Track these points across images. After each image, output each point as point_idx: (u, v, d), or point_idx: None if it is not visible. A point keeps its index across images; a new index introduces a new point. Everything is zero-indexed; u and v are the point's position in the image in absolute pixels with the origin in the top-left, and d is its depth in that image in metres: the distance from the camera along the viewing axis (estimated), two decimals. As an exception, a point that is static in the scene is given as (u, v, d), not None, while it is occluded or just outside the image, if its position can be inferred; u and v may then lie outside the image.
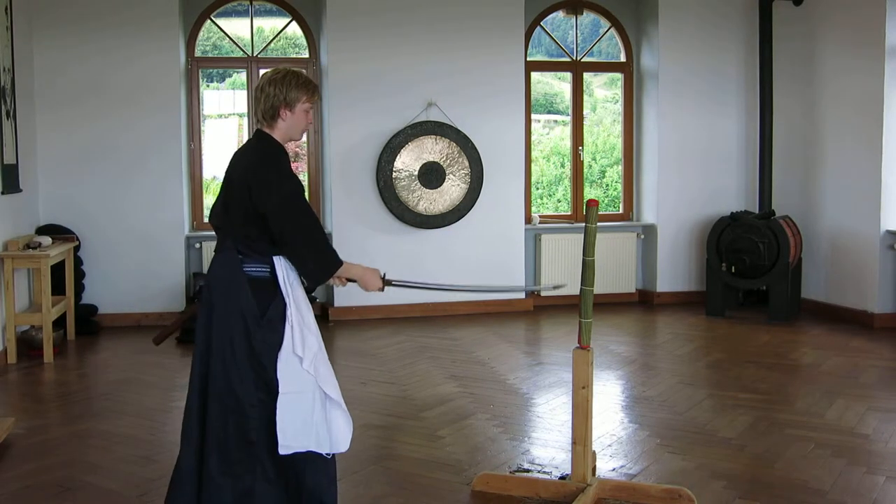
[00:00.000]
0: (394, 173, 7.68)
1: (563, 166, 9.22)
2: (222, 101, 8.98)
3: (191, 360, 3.06)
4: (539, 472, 3.91)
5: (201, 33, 7.90)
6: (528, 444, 4.33)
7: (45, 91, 7.20)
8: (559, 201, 9.18)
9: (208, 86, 8.67)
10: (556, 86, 9.62)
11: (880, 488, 3.69)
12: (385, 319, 7.63)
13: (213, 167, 8.52)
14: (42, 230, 6.99)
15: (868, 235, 7.27)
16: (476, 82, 7.90)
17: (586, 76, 8.76)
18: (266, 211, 2.90)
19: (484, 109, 7.92)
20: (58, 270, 6.77)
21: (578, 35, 8.59)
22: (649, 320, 7.76)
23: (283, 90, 2.98)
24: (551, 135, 9.68)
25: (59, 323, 6.73)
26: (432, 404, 5.01)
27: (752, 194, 8.43)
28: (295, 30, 8.13)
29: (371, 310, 7.69)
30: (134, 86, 7.36)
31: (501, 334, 7.05)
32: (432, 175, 7.78)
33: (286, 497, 2.98)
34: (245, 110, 8.03)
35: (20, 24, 6.72)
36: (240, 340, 2.92)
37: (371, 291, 3.14)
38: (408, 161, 7.72)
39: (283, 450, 2.90)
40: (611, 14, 8.58)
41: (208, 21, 7.88)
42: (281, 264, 2.98)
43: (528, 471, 3.92)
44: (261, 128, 3.05)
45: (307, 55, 8.06)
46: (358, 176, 7.70)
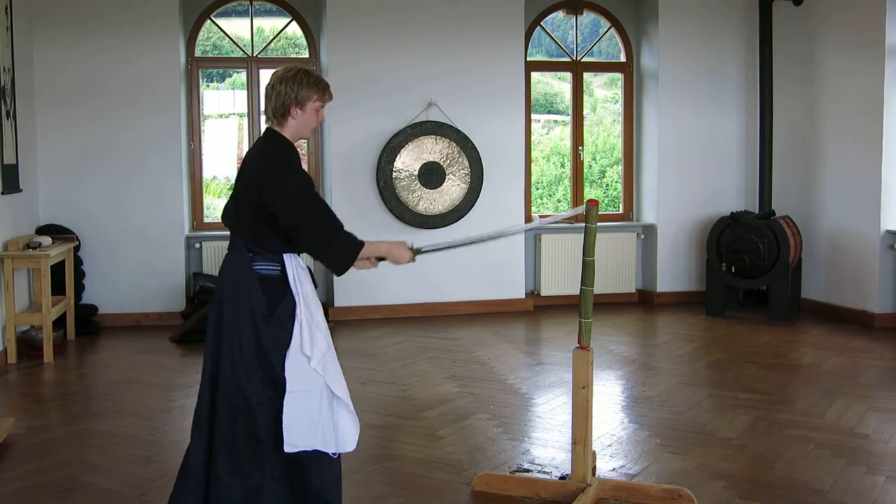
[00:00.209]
0: (394, 173, 7.68)
1: (563, 166, 9.23)
2: (222, 101, 8.99)
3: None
4: (539, 472, 3.91)
5: (201, 33, 7.90)
6: (528, 444, 4.33)
7: (45, 91, 7.20)
8: (559, 201, 9.18)
9: (208, 86, 8.67)
10: (556, 86, 9.63)
11: (880, 488, 3.69)
12: (385, 319, 7.63)
13: (213, 167, 8.52)
14: (42, 230, 6.99)
15: (868, 235, 7.28)
16: (476, 82, 7.90)
17: (586, 76, 8.76)
18: (277, 209, 2.89)
19: (484, 109, 7.92)
20: (58, 270, 6.77)
21: (578, 35, 8.59)
22: (649, 320, 7.76)
23: (295, 88, 2.98)
24: (551, 135, 9.68)
25: (59, 323, 6.73)
26: (432, 404, 5.01)
27: (752, 194, 8.43)
28: (295, 30, 8.13)
29: (371, 310, 7.69)
30: (134, 86, 7.36)
31: (501, 334, 7.05)
32: (432, 175, 7.78)
33: (292, 496, 2.97)
34: (245, 110, 8.03)
35: (20, 24, 6.72)
36: (249, 338, 2.92)
37: (403, 264, 3.12)
38: (408, 161, 7.72)
39: (288, 448, 2.90)
40: (611, 14, 8.58)
41: (208, 21, 7.88)
42: (291, 262, 2.98)
43: (528, 471, 3.92)
44: (271, 126, 3.05)
45: (307, 55, 8.06)
46: (358, 176, 7.70)
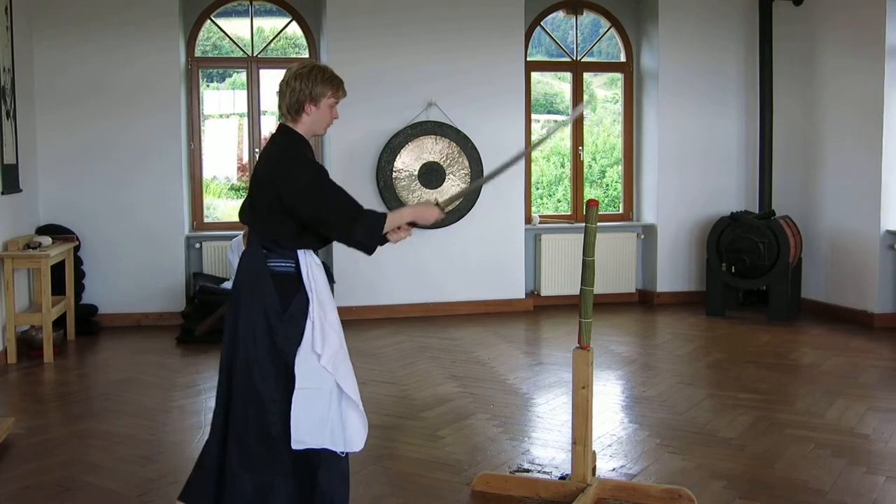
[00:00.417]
0: (394, 173, 7.68)
1: (563, 166, 9.23)
2: (222, 101, 8.99)
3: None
4: (539, 472, 3.91)
5: (201, 33, 7.90)
6: (528, 444, 4.33)
7: (45, 91, 7.20)
8: (559, 201, 9.18)
9: (208, 86, 8.68)
10: (556, 86, 9.62)
11: (880, 488, 3.69)
12: (385, 319, 7.63)
13: (213, 167, 8.53)
14: (42, 230, 6.99)
15: (868, 235, 7.28)
16: (476, 82, 7.90)
17: (586, 76, 8.76)
18: (295, 201, 2.89)
19: (484, 109, 7.92)
20: (58, 270, 6.77)
21: (578, 35, 8.59)
22: (649, 320, 7.76)
23: (309, 85, 2.98)
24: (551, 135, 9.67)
25: (59, 323, 6.73)
26: (432, 404, 5.01)
27: (752, 194, 8.43)
28: (295, 30, 8.13)
29: (371, 310, 7.69)
30: (134, 86, 7.36)
31: (501, 334, 7.05)
32: (432, 175, 7.78)
33: (300, 494, 2.98)
34: (245, 110, 8.03)
35: (20, 24, 6.72)
36: (262, 335, 2.93)
37: (433, 222, 3.10)
38: (408, 161, 7.72)
39: (296, 445, 2.90)
40: (611, 14, 8.58)
41: (208, 21, 7.88)
42: (305, 259, 2.98)
43: (528, 471, 3.93)
44: (284, 122, 3.05)
45: (307, 55, 8.06)
46: (358, 176, 7.70)
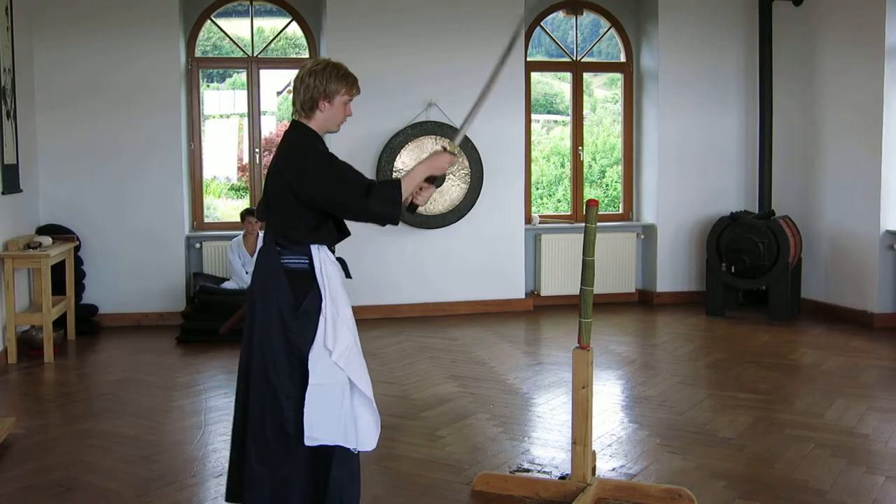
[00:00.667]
0: (394, 173, 7.68)
1: (563, 166, 9.23)
2: (222, 102, 8.99)
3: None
4: (539, 472, 3.91)
5: (201, 33, 7.90)
6: (528, 444, 4.33)
7: (45, 91, 7.20)
8: (559, 201, 9.18)
9: (208, 86, 8.68)
10: (556, 86, 9.63)
11: (880, 488, 3.69)
12: (385, 319, 7.63)
13: (214, 167, 8.53)
14: (42, 230, 7.00)
15: (868, 235, 7.28)
16: (476, 82, 7.74)
17: (586, 76, 8.76)
18: (308, 192, 2.90)
19: (484, 109, 7.77)
20: (58, 270, 6.77)
21: (578, 35, 8.59)
22: (649, 320, 7.76)
23: (323, 82, 3.00)
24: (551, 135, 9.68)
25: (60, 323, 6.73)
26: (432, 404, 5.01)
27: (752, 194, 8.44)
28: (295, 30, 8.13)
29: (371, 310, 7.69)
30: (134, 86, 7.36)
31: (501, 334, 7.05)
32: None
33: (313, 490, 2.98)
34: (245, 110, 8.03)
35: (20, 24, 6.72)
36: (277, 332, 2.93)
37: (449, 169, 3.13)
38: (408, 161, 7.72)
39: (308, 441, 2.90)
40: (611, 14, 8.58)
41: (208, 21, 7.88)
42: (318, 255, 2.98)
43: (528, 471, 3.93)
44: (298, 119, 3.05)
45: (307, 55, 8.06)
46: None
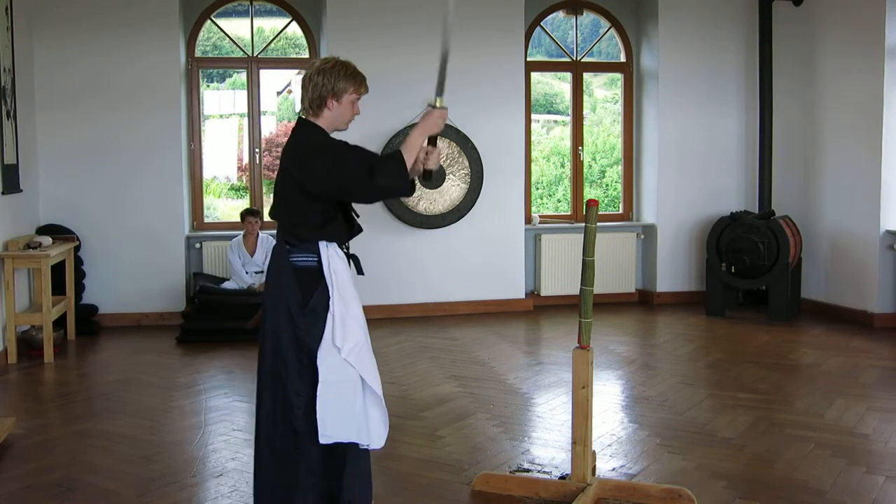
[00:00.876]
0: (394, 173, 7.68)
1: (563, 166, 9.23)
2: (222, 102, 8.99)
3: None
4: (539, 472, 3.91)
5: (201, 33, 7.90)
6: (528, 444, 4.33)
7: (45, 91, 7.20)
8: (559, 201, 9.18)
9: (208, 86, 8.68)
10: (556, 86, 9.63)
11: (880, 488, 3.69)
12: (385, 319, 7.62)
13: (214, 167, 8.53)
14: (42, 230, 7.00)
15: (868, 235, 7.28)
16: (476, 82, 7.90)
17: (586, 76, 8.76)
18: (316, 187, 2.92)
19: (484, 109, 7.92)
20: (58, 270, 6.77)
21: (578, 35, 8.59)
22: (649, 320, 7.76)
23: (332, 80, 3.00)
24: (551, 135, 9.68)
25: (60, 323, 6.73)
26: (432, 404, 5.01)
27: (752, 194, 8.44)
28: (295, 30, 8.13)
29: (371, 310, 7.63)
30: (134, 86, 7.36)
31: (501, 334, 7.05)
32: (432, 175, 7.76)
33: (328, 490, 2.98)
34: (245, 110, 8.03)
35: (20, 24, 6.72)
36: (286, 329, 2.94)
37: (443, 125, 3.14)
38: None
39: (323, 439, 2.90)
40: (611, 14, 8.58)
41: (208, 21, 7.88)
42: (327, 253, 2.98)
43: (528, 471, 3.93)
44: (306, 116, 3.06)
45: (307, 55, 8.06)
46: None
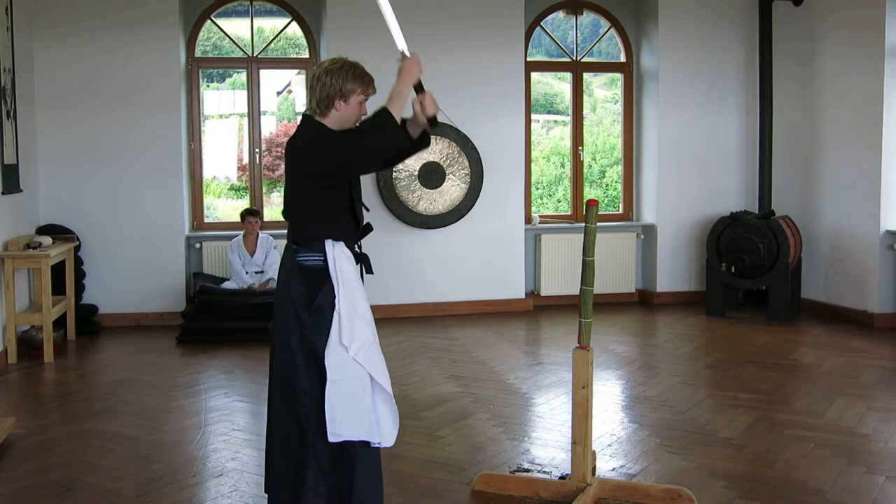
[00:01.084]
0: (394, 173, 7.68)
1: (563, 166, 9.23)
2: (222, 102, 8.98)
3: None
4: (539, 471, 3.91)
5: (201, 33, 7.90)
6: (528, 444, 4.33)
7: (45, 91, 7.20)
8: (559, 201, 9.18)
9: (208, 86, 8.67)
10: (556, 86, 9.62)
11: (880, 488, 3.69)
12: (385, 319, 7.61)
13: (213, 167, 8.53)
14: (42, 230, 7.00)
15: (868, 235, 7.27)
16: (476, 82, 7.90)
17: (586, 76, 8.76)
18: (323, 168, 2.93)
19: (484, 109, 7.92)
20: (58, 270, 6.77)
21: (578, 35, 8.59)
22: (649, 320, 7.76)
23: (340, 81, 3.00)
24: (551, 135, 9.68)
25: (60, 323, 6.73)
26: (432, 404, 5.01)
27: (752, 194, 8.44)
28: (295, 30, 8.13)
29: (371, 310, 7.67)
30: (134, 86, 7.36)
31: (501, 334, 7.05)
32: (432, 175, 7.78)
33: (338, 489, 2.98)
34: (245, 110, 8.03)
35: (20, 24, 6.72)
36: (293, 328, 2.97)
37: (419, 69, 3.06)
38: (408, 161, 7.68)
39: (332, 437, 2.91)
40: (611, 14, 8.58)
41: (208, 21, 7.88)
42: (332, 252, 3.00)
43: (528, 471, 3.93)
44: (311, 115, 3.06)
45: (307, 55, 8.06)
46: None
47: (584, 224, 3.53)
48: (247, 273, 7.22)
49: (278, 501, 3.05)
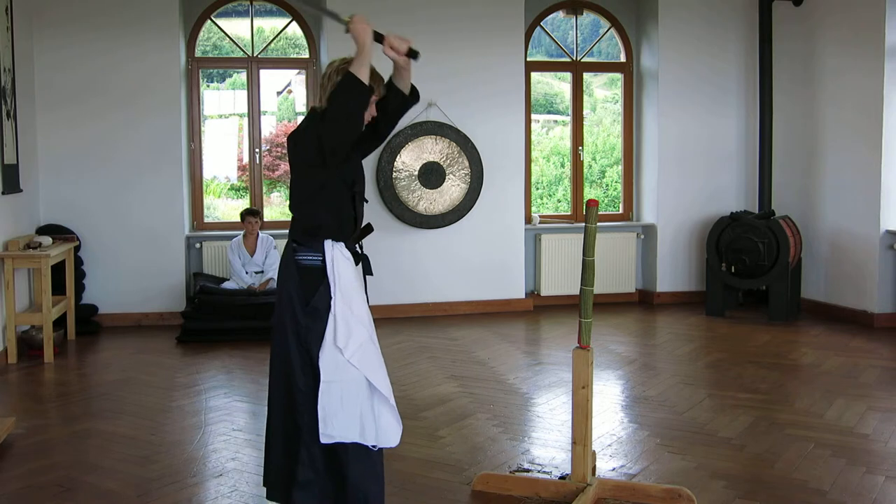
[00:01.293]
0: (394, 173, 7.68)
1: (563, 166, 9.23)
2: (222, 102, 8.98)
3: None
4: (539, 472, 3.91)
5: (201, 33, 7.90)
6: (528, 444, 4.33)
7: (45, 91, 7.20)
8: (559, 201, 9.18)
9: (208, 86, 8.67)
10: (556, 86, 9.62)
11: (880, 488, 3.69)
12: (385, 319, 7.62)
13: (214, 167, 8.53)
14: (42, 230, 7.00)
15: (868, 235, 7.28)
16: (476, 82, 7.90)
17: (586, 76, 8.76)
18: (311, 149, 2.93)
19: (484, 109, 7.92)
20: (58, 270, 6.77)
21: (578, 35, 8.59)
22: (649, 320, 7.75)
23: None
24: (551, 135, 9.68)
25: (60, 323, 6.74)
26: (432, 404, 5.01)
27: (752, 194, 8.44)
28: (295, 30, 8.13)
29: (371, 310, 7.66)
30: (134, 86, 7.36)
31: (501, 334, 7.05)
32: (432, 175, 7.78)
33: (333, 489, 2.99)
34: (245, 110, 8.03)
35: (20, 24, 6.72)
36: (289, 326, 2.98)
37: (368, 31, 2.95)
38: (408, 161, 7.72)
39: (324, 439, 2.93)
40: (611, 14, 8.58)
41: (208, 21, 7.88)
42: (331, 252, 3.01)
43: (528, 471, 3.93)
44: (319, 108, 3.07)
45: (307, 55, 8.06)
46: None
47: (584, 224, 3.53)
48: (247, 273, 7.23)
49: (275, 495, 3.10)
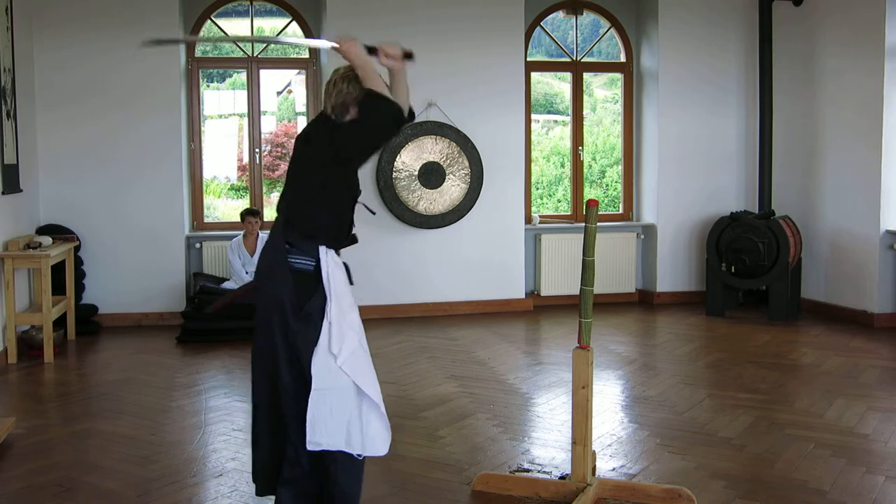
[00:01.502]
0: (394, 173, 7.68)
1: (563, 166, 9.23)
2: (222, 102, 8.99)
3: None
4: (539, 472, 3.91)
5: (201, 33, 7.90)
6: (528, 444, 4.33)
7: (45, 91, 7.20)
8: (559, 201, 9.18)
9: (208, 86, 8.68)
10: (556, 86, 9.62)
11: (880, 488, 3.70)
12: (385, 319, 7.63)
13: (213, 167, 8.53)
14: (42, 230, 7.00)
15: (868, 235, 7.28)
16: (476, 82, 7.90)
17: (586, 76, 8.76)
18: (353, 147, 3.02)
19: (484, 109, 7.92)
20: (58, 270, 6.77)
21: (578, 35, 8.59)
22: (649, 320, 7.76)
23: (356, 88, 3.02)
24: (551, 135, 9.68)
25: (60, 323, 6.74)
26: (432, 404, 5.01)
27: (752, 194, 8.44)
28: (295, 30, 8.12)
29: (371, 310, 7.68)
30: (134, 86, 7.36)
31: (501, 334, 7.05)
32: (432, 175, 7.78)
33: (317, 489, 3.00)
34: (245, 110, 8.03)
35: (20, 24, 6.72)
36: (278, 329, 2.96)
37: (350, 41, 2.96)
38: (408, 161, 7.72)
39: (310, 446, 2.92)
40: (611, 14, 8.58)
41: (208, 21, 7.87)
42: (325, 258, 3.00)
43: (528, 471, 3.93)
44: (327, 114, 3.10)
45: (307, 55, 8.06)
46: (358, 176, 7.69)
47: (584, 224, 3.53)
48: (247, 273, 7.22)
49: (263, 490, 3.12)
